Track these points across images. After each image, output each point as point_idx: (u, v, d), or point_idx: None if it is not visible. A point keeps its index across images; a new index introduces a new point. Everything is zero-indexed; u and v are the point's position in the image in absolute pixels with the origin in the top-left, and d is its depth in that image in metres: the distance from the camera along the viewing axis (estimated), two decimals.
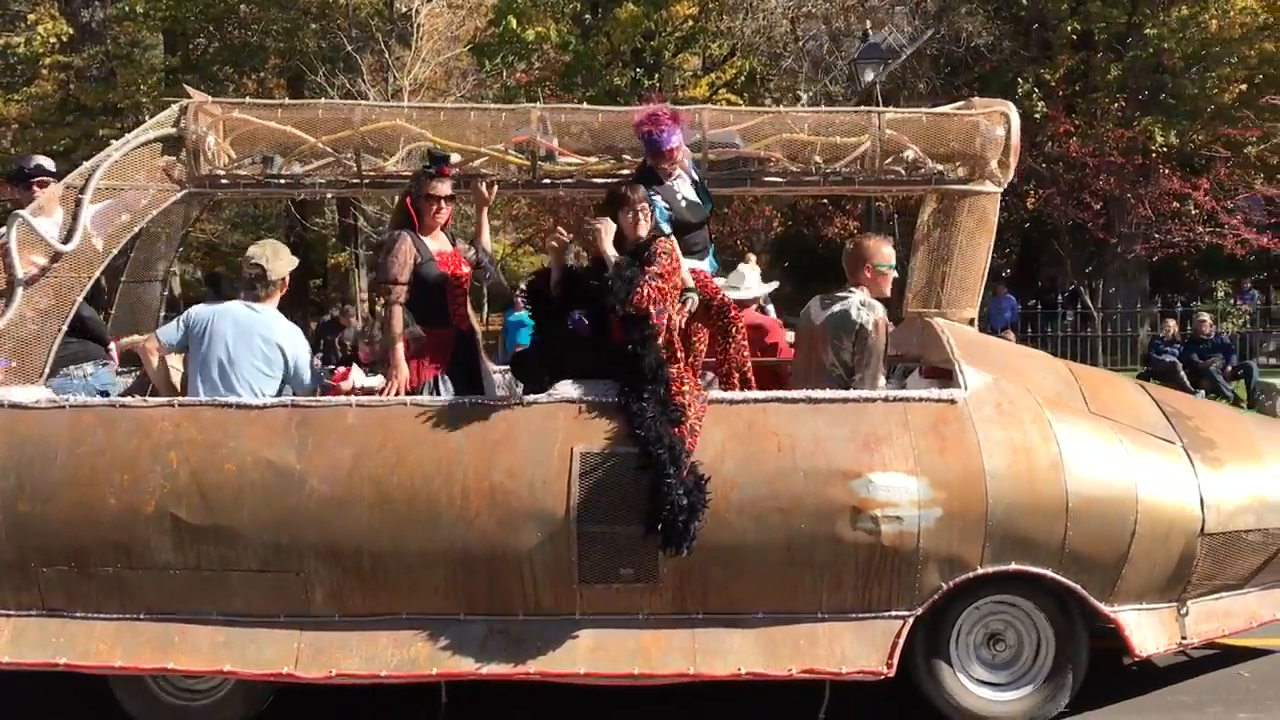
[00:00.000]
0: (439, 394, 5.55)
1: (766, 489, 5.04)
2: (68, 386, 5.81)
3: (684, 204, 5.82)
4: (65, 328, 5.55)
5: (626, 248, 5.48)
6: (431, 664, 5.11)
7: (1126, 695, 5.58)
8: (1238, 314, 21.41)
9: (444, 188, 5.70)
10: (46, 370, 5.50)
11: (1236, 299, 21.98)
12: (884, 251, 5.90)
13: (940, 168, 5.86)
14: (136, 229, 5.78)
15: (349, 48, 24.17)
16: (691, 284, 5.63)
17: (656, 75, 25.19)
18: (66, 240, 5.47)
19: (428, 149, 5.80)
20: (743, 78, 24.99)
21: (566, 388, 5.25)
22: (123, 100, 24.58)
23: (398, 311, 5.57)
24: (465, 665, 5.10)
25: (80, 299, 5.61)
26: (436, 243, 5.77)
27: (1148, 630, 5.26)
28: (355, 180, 5.93)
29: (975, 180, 5.86)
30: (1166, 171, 21.95)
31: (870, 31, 24.41)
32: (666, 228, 5.64)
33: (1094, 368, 6.72)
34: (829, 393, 5.29)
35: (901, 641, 5.09)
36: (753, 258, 19.37)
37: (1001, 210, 21.76)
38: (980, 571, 5.09)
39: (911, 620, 5.12)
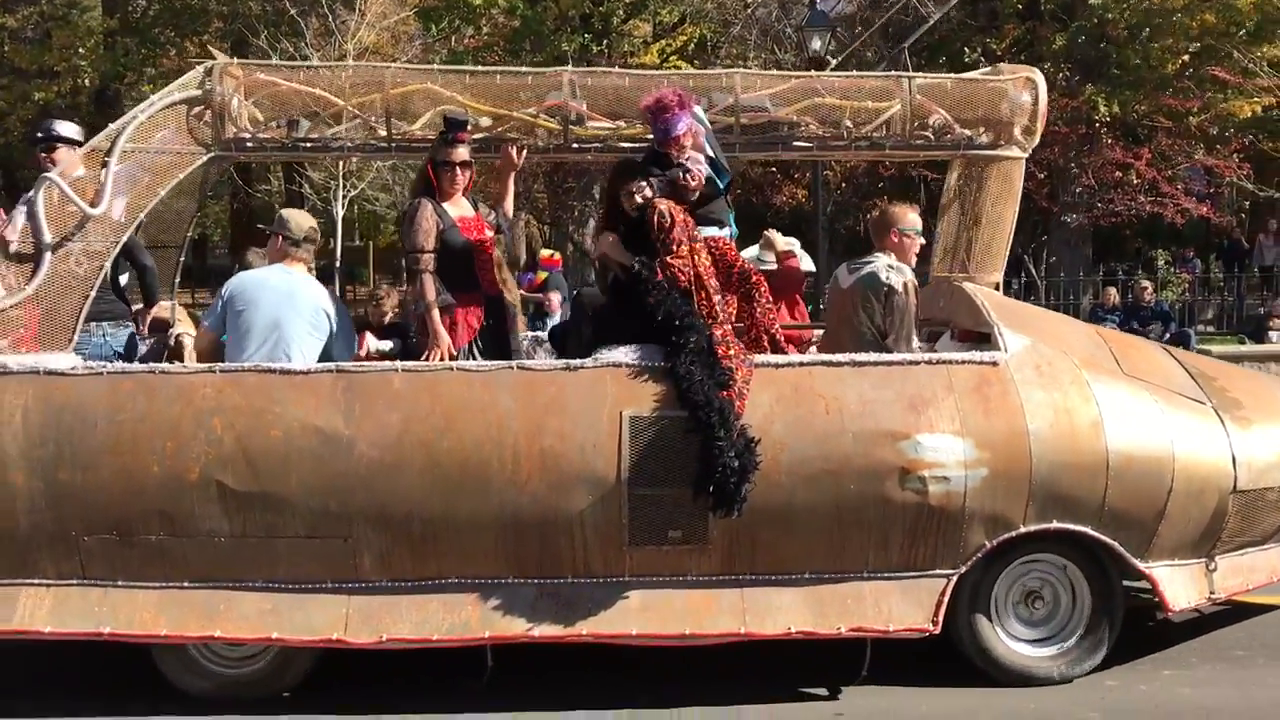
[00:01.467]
0: (473, 359, 5.54)
1: (816, 450, 5.10)
2: (85, 343, 5.74)
3: (691, 182, 5.81)
4: (93, 293, 5.47)
5: (630, 219, 5.54)
6: (483, 627, 5.12)
7: None
8: (1178, 282, 21.87)
9: (461, 153, 5.67)
10: (75, 337, 5.41)
11: (1177, 268, 22.43)
12: (910, 217, 5.97)
13: (968, 133, 5.93)
14: (162, 193, 5.67)
15: (293, 11, 23.79)
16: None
17: (605, 41, 25.03)
18: (94, 204, 5.38)
19: (446, 114, 5.73)
20: (693, 44, 24.93)
21: (612, 352, 5.26)
22: (59, 63, 24.04)
23: (429, 280, 5.55)
24: (517, 628, 5.12)
25: (108, 264, 5.55)
26: (458, 208, 5.75)
27: (1179, 586, 5.42)
28: (383, 144, 5.87)
29: (1002, 145, 5.94)
30: (1109, 141, 22.33)
31: None
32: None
33: (1118, 332, 6.85)
34: (873, 355, 5.37)
35: (946, 600, 5.20)
36: None
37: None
38: (1023, 530, 5.21)
39: (955, 578, 5.23)
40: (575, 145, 5.93)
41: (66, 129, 6.74)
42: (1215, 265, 23.41)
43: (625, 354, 5.26)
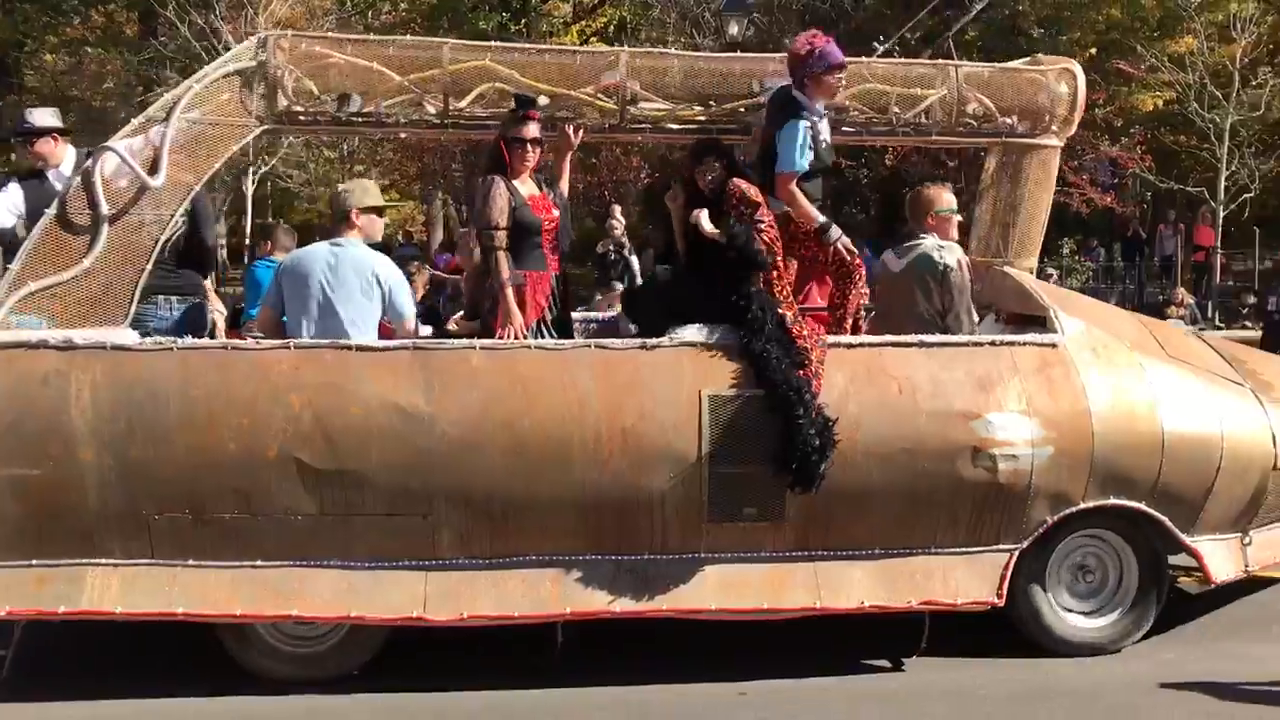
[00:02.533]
0: (542, 337, 5.56)
1: (892, 430, 5.24)
2: (146, 314, 5.65)
3: (825, 145, 5.83)
4: (149, 266, 5.36)
5: (705, 197, 5.60)
6: (564, 603, 5.16)
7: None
8: (1081, 270, 22.61)
9: (532, 130, 5.66)
10: (131, 312, 5.29)
11: (1082, 256, 23.19)
12: (945, 198, 6.20)
13: (1009, 121, 6.10)
14: (216, 165, 5.56)
15: None
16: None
17: (524, 20, 24.96)
18: (152, 175, 5.27)
19: (514, 92, 5.72)
20: (613, 26, 24.97)
21: (688, 332, 5.32)
22: None
23: (503, 257, 5.52)
24: (597, 603, 5.17)
25: (164, 236, 5.43)
26: (526, 187, 5.74)
27: (1220, 559, 5.69)
28: (437, 121, 5.81)
29: (1039, 134, 6.13)
30: None
31: None
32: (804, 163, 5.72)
33: (1152, 318, 7.11)
34: (939, 337, 5.54)
35: (1009, 574, 5.38)
36: (618, 209, 19.20)
37: (861, 167, 22.23)
38: (1083, 506, 5.42)
39: (1017, 553, 5.41)
40: (632, 126, 5.93)
41: (43, 117, 6.57)
42: (1118, 254, 24.27)
43: (700, 333, 5.32)
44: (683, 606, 5.22)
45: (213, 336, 6.27)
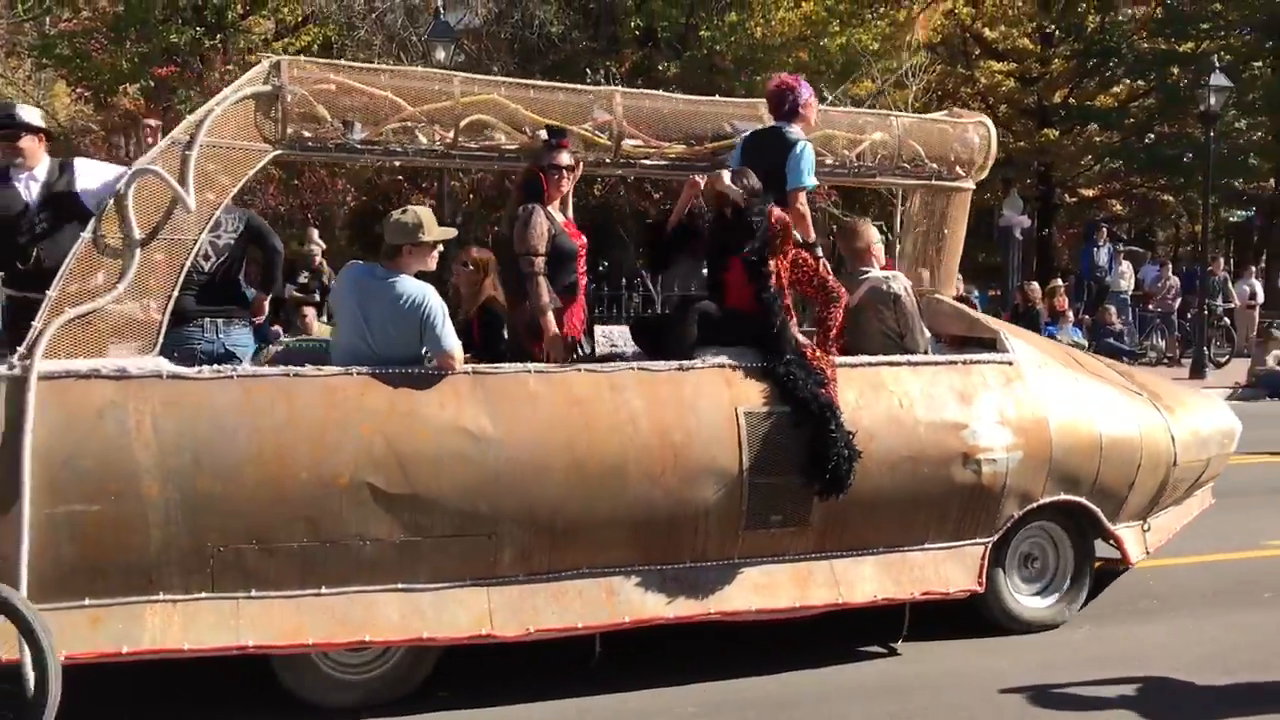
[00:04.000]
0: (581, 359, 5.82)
1: (898, 440, 5.85)
2: (192, 337, 5.49)
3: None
4: (176, 292, 5.23)
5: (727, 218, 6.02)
6: (623, 612, 5.43)
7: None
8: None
9: (566, 157, 5.94)
10: (159, 340, 5.15)
11: None
12: (875, 233, 6.91)
13: (934, 165, 6.87)
14: (234, 190, 5.47)
15: None
16: None
17: (220, 36, 24.12)
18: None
19: (546, 124, 5.95)
20: (316, 45, 24.50)
21: (716, 354, 5.72)
22: None
23: (543, 282, 5.71)
24: (653, 611, 5.48)
25: (189, 260, 5.30)
26: (559, 215, 5.98)
27: (1133, 543, 6.68)
28: (448, 151, 5.93)
29: (958, 179, 6.95)
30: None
31: (442, 9, 24.97)
32: (813, 180, 6.27)
33: (1057, 341, 8.04)
34: (923, 357, 6.22)
35: (985, 564, 6.11)
36: (314, 232, 18.88)
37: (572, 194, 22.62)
38: (1041, 502, 6.23)
39: (990, 545, 6.15)
40: (625, 160, 6.29)
41: (31, 115, 6.15)
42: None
43: (728, 355, 5.74)
44: (727, 609, 5.61)
45: None
